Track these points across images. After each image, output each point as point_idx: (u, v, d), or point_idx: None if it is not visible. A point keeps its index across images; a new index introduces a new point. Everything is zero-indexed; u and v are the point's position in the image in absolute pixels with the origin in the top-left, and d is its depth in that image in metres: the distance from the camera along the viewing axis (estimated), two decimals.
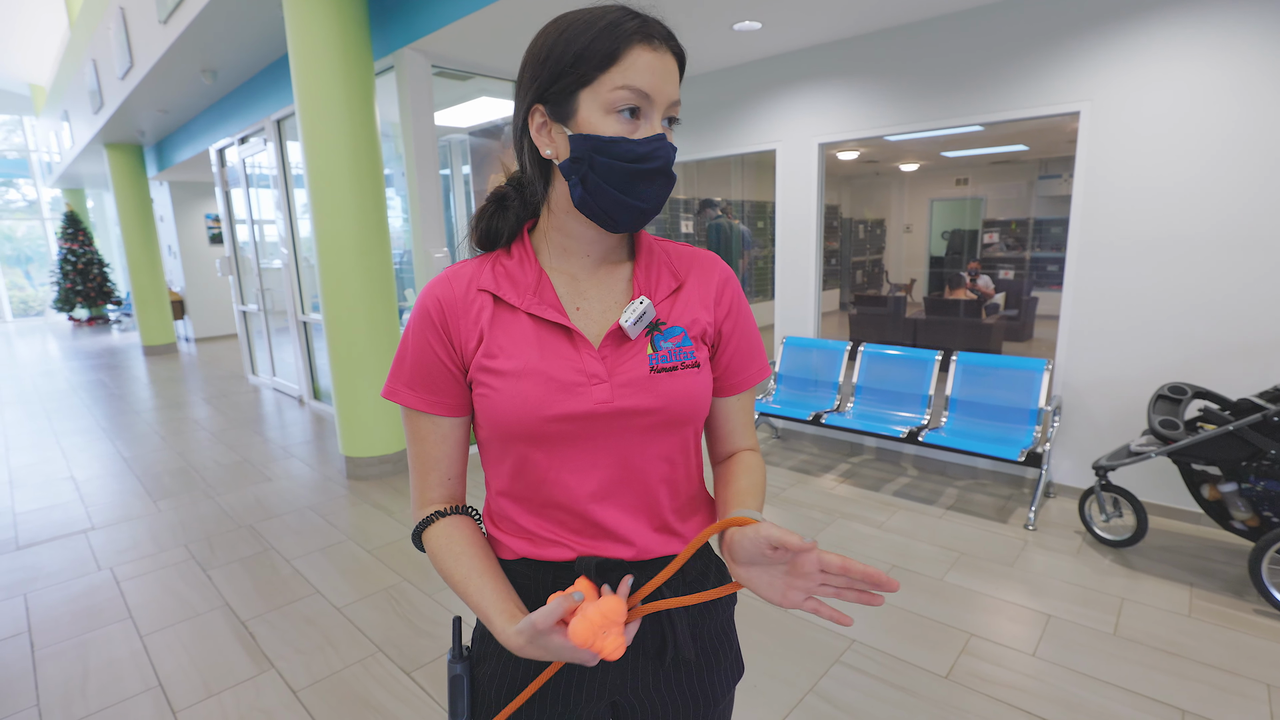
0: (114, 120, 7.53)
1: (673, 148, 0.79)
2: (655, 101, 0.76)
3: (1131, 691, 2.14)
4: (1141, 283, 3.27)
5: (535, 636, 0.70)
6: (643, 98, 0.75)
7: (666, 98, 0.77)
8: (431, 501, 0.89)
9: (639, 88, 0.75)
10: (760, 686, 2.22)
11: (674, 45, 0.79)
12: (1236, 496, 2.72)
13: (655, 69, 0.75)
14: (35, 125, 14.98)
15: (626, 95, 0.75)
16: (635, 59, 0.74)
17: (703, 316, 0.88)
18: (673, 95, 0.78)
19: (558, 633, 0.70)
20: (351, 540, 3.41)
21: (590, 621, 0.70)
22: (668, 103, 0.78)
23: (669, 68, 0.77)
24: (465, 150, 5.55)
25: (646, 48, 0.75)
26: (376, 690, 2.26)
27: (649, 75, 0.75)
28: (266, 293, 7.07)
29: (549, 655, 0.71)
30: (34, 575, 3.15)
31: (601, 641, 0.70)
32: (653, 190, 0.78)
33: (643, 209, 0.79)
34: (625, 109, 0.75)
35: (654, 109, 0.77)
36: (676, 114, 0.81)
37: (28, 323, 15.70)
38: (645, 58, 0.75)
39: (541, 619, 0.69)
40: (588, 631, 0.69)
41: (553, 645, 0.70)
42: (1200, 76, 3.00)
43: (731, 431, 0.96)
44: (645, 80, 0.75)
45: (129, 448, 5.18)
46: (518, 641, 0.73)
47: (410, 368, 0.85)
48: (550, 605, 0.70)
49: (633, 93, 0.75)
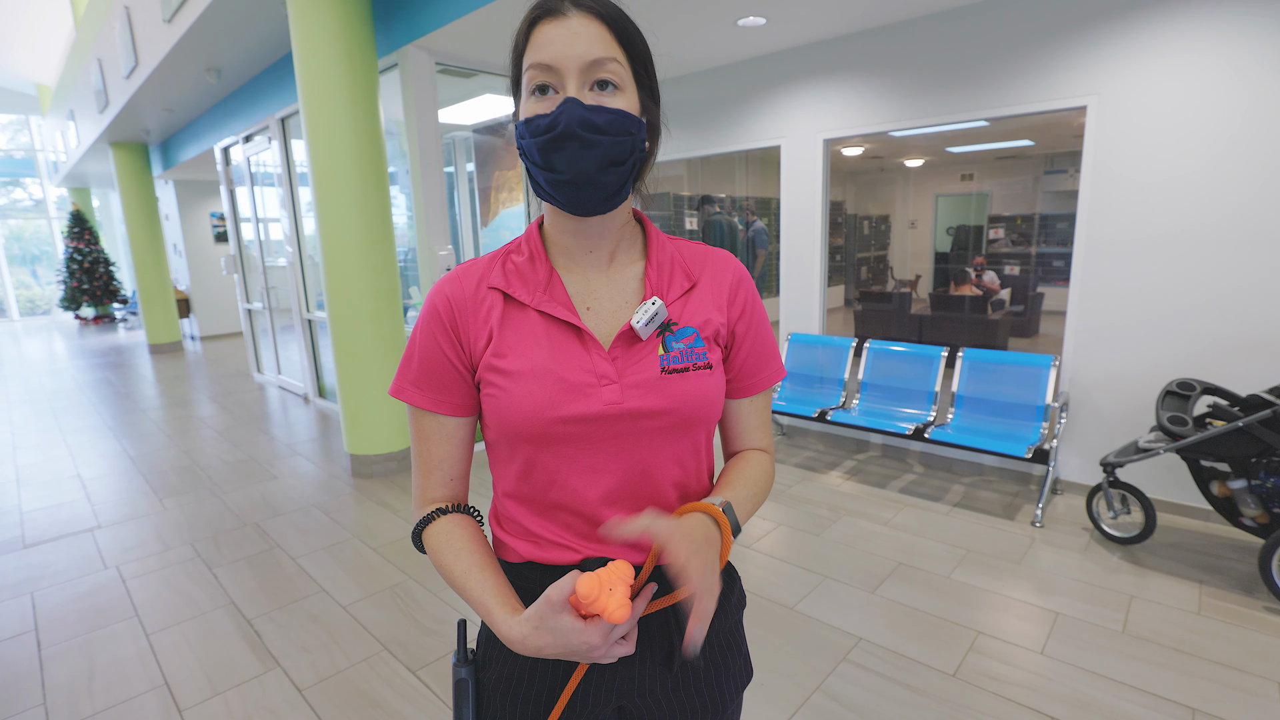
0: (119, 119, 7.55)
1: (582, 108, 0.72)
2: (561, 70, 0.73)
3: (1141, 690, 2.13)
4: (1149, 278, 3.25)
5: (546, 614, 0.70)
6: (546, 71, 0.74)
7: (576, 61, 0.73)
8: (433, 501, 0.88)
9: (541, 62, 0.74)
10: (767, 684, 2.21)
11: (590, 4, 0.75)
12: (1246, 493, 2.70)
13: (556, 38, 0.73)
14: (41, 125, 15.03)
15: (533, 74, 0.75)
16: (537, 37, 0.74)
17: (715, 317, 0.86)
18: (586, 55, 0.73)
19: (568, 611, 0.69)
20: (357, 538, 3.41)
21: (598, 577, 0.69)
22: (580, 65, 0.73)
23: (578, 30, 0.73)
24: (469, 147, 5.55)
25: (547, 21, 0.74)
26: (382, 689, 2.26)
27: (549, 47, 0.73)
28: (271, 291, 7.09)
29: (554, 640, 0.70)
30: (41, 573, 3.16)
31: (607, 598, 0.69)
32: (566, 158, 0.74)
33: (565, 180, 0.75)
34: (535, 88, 0.75)
35: (564, 78, 0.74)
36: (606, 74, 0.74)
37: (34, 321, 15.77)
38: (545, 31, 0.74)
39: (555, 591, 0.70)
40: (595, 585, 0.68)
41: (562, 626, 0.69)
42: (1208, 70, 2.97)
43: (744, 433, 0.94)
44: (546, 54, 0.73)
45: (135, 446, 5.19)
46: (522, 630, 0.72)
47: (418, 366, 0.85)
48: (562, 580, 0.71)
49: (537, 69, 0.74)
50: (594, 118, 0.73)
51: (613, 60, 0.75)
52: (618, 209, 0.83)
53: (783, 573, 2.93)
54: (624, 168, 0.77)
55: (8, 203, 16.07)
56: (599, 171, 0.75)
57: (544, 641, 0.71)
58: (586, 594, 0.68)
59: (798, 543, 3.21)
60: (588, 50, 0.73)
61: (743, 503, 0.84)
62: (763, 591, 2.78)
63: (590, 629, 0.69)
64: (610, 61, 0.75)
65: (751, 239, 7.11)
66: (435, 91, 4.16)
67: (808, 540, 3.23)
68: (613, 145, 0.75)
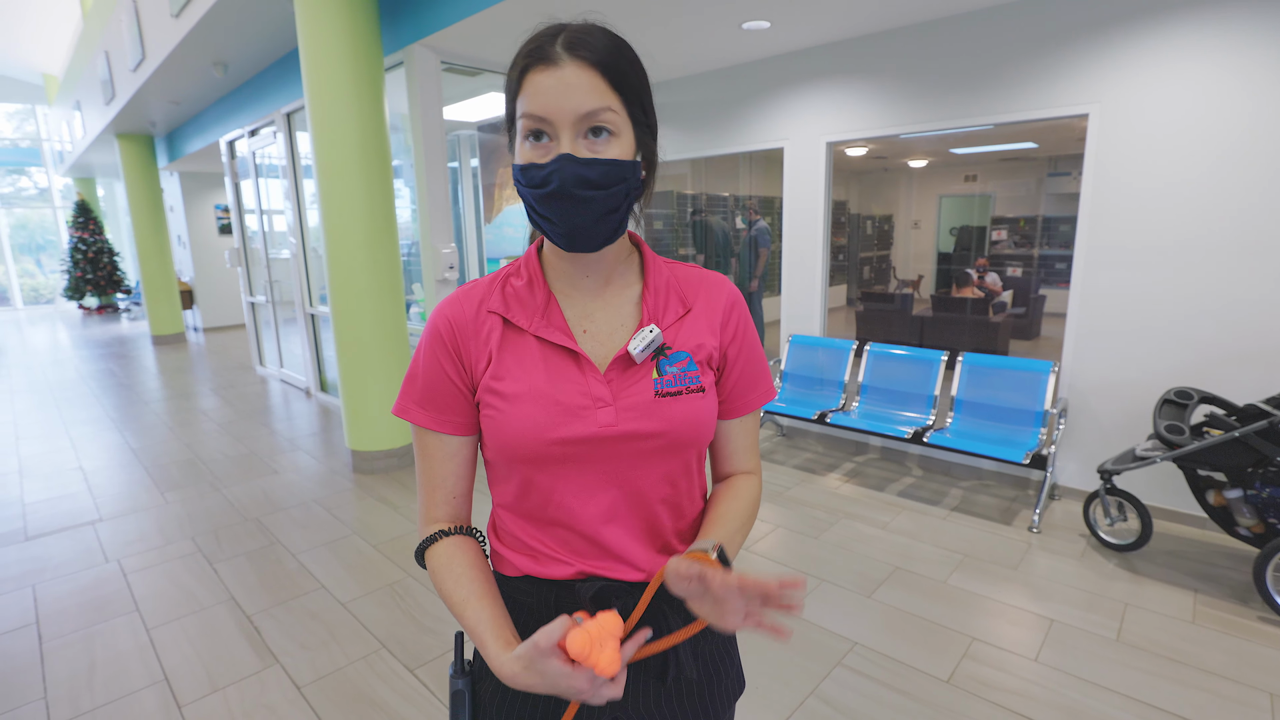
0: (125, 111, 7.56)
1: (576, 165, 0.73)
2: (555, 122, 0.74)
3: (1133, 699, 2.14)
4: (1149, 286, 3.25)
5: (535, 659, 0.70)
6: (540, 122, 0.74)
7: (569, 114, 0.73)
8: (436, 520, 0.89)
9: (534, 113, 0.74)
10: (762, 689, 2.23)
11: (583, 54, 0.73)
12: (1242, 503, 2.71)
13: (548, 89, 0.73)
14: (48, 114, 15.05)
15: (527, 123, 0.75)
16: (530, 85, 0.74)
17: (709, 341, 0.88)
18: (579, 108, 0.73)
19: (556, 656, 0.70)
20: (357, 535, 3.43)
21: (587, 633, 0.70)
22: (574, 117, 0.73)
23: (571, 81, 0.73)
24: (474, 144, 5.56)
25: (540, 70, 0.74)
26: (380, 687, 2.28)
27: (541, 98, 0.73)
28: (275, 284, 7.11)
29: (542, 681, 0.71)
30: (42, 566, 3.18)
31: (597, 654, 0.70)
32: (558, 212, 0.75)
33: (560, 231, 0.77)
34: (528, 134, 0.76)
35: (559, 129, 0.74)
36: (600, 123, 0.75)
37: (39, 310, 15.82)
38: (537, 81, 0.74)
39: (543, 637, 0.70)
40: (585, 643, 0.69)
41: (550, 670, 0.70)
42: (1210, 79, 2.97)
43: (733, 453, 0.96)
44: (538, 104, 0.74)
45: (137, 438, 5.22)
46: (513, 668, 0.73)
47: (421, 386, 0.86)
48: (552, 624, 0.71)
49: (531, 119, 0.75)
50: (588, 173, 0.74)
51: (606, 109, 0.75)
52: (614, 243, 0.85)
53: (779, 575, 2.94)
54: (618, 214, 0.79)
55: (13, 191, 16.11)
56: (594, 223, 0.77)
57: (533, 681, 0.72)
58: (578, 652, 0.69)
59: (795, 545, 3.22)
60: (581, 102, 0.73)
61: (733, 537, 0.87)
62: None
63: (577, 674, 0.70)
64: (604, 111, 0.74)
65: (754, 238, 7.11)
66: (440, 90, 4.17)
67: (805, 543, 3.24)
68: (606, 197, 0.76)
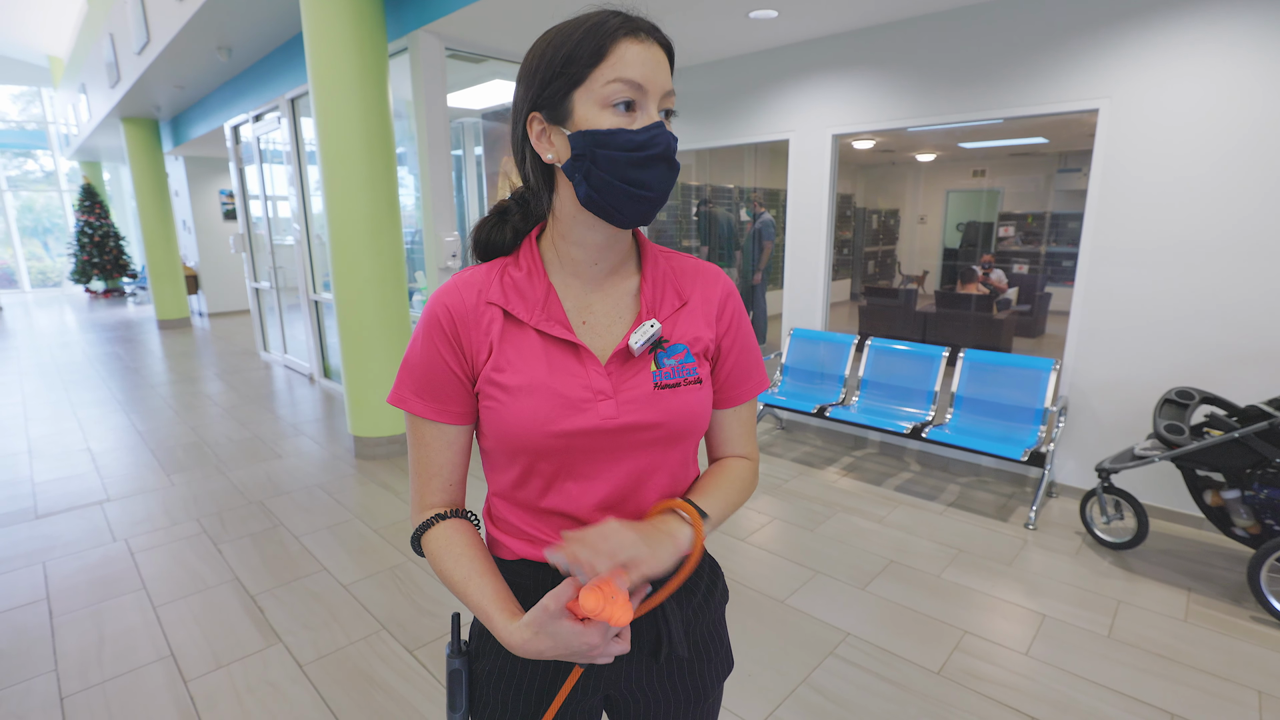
0: (131, 95, 7.57)
1: (672, 135, 0.79)
2: (649, 92, 0.77)
3: (1122, 694, 2.16)
4: (1154, 285, 3.25)
5: (545, 622, 0.73)
6: (636, 89, 0.76)
7: (660, 88, 0.78)
8: (431, 505, 0.90)
9: (631, 79, 0.75)
10: (754, 676, 2.26)
11: (660, 37, 0.79)
12: (1239, 503, 2.72)
13: (645, 60, 0.76)
14: (53, 97, 15.05)
15: (620, 88, 0.76)
16: (623, 52, 0.75)
17: (705, 334, 0.90)
18: (665, 85, 0.78)
19: (565, 616, 0.72)
20: (358, 519, 3.47)
21: (600, 590, 0.71)
22: (661, 93, 0.78)
23: (658, 59, 0.78)
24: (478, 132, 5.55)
25: (633, 40, 0.76)
26: (380, 667, 2.32)
27: (639, 66, 0.76)
28: (279, 270, 7.13)
29: (553, 644, 0.73)
30: (52, 544, 3.23)
31: (611, 608, 0.71)
32: (655, 177, 0.78)
33: (649, 197, 0.78)
34: (620, 102, 0.76)
35: (648, 99, 0.77)
36: (671, 105, 0.81)
37: (45, 293, 15.88)
38: (633, 50, 0.76)
39: (552, 600, 0.73)
40: (598, 599, 0.70)
41: (561, 631, 0.72)
42: (1222, 75, 2.96)
43: (726, 440, 0.98)
44: (637, 71, 0.75)
45: (143, 421, 5.27)
46: (522, 635, 0.75)
47: (418, 375, 0.86)
48: (558, 587, 0.74)
49: (626, 85, 0.76)
50: (675, 144, 0.80)
51: (673, 93, 0.81)
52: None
53: (775, 566, 2.98)
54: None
55: (19, 174, 16.15)
56: (669, 192, 0.81)
57: (544, 645, 0.74)
58: (594, 609, 0.70)
59: (791, 537, 3.25)
60: (666, 79, 0.79)
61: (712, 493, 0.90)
62: (754, 584, 2.83)
63: (590, 630, 0.73)
64: (673, 95, 0.81)
65: (759, 231, 7.10)
66: (444, 76, 4.17)
67: (801, 535, 3.27)
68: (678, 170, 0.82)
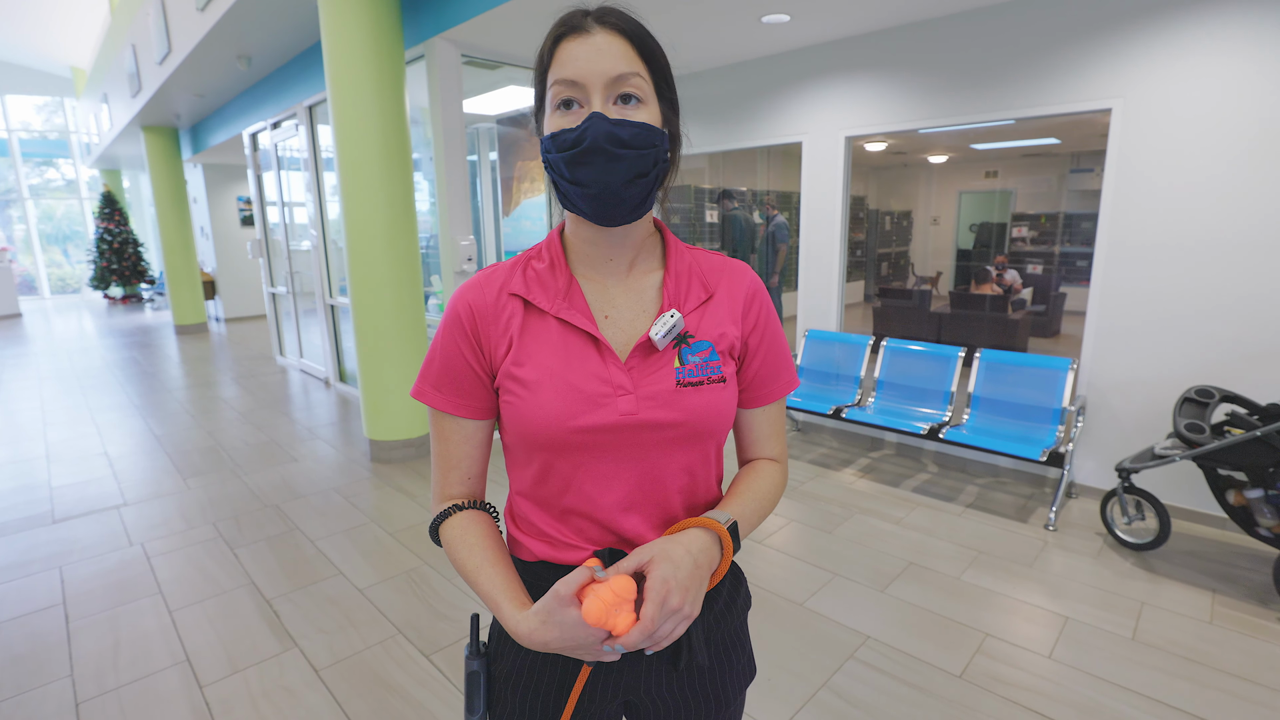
0: (151, 104, 7.67)
1: (608, 123, 0.74)
2: (587, 85, 0.75)
3: (1148, 697, 2.13)
4: (1171, 282, 3.21)
5: (554, 609, 0.72)
6: (572, 86, 0.76)
7: (600, 76, 0.75)
8: (451, 497, 0.90)
9: (566, 78, 0.76)
10: (774, 681, 2.24)
11: (613, 21, 0.77)
12: (1263, 503, 2.68)
13: (583, 54, 0.75)
14: (75, 107, 15.30)
15: (559, 89, 0.77)
16: (562, 53, 0.76)
17: (731, 330, 0.88)
18: (610, 71, 0.75)
19: (574, 606, 0.72)
20: (374, 523, 3.47)
21: (602, 599, 0.71)
22: (604, 81, 0.75)
23: (603, 46, 0.76)
24: (493, 137, 5.58)
25: (572, 38, 0.76)
26: (396, 672, 2.32)
27: (574, 63, 0.75)
28: (295, 275, 7.19)
29: (560, 634, 0.73)
30: (69, 549, 3.26)
31: (614, 619, 0.71)
32: (593, 172, 0.76)
33: (592, 194, 0.77)
34: (560, 102, 0.77)
35: (589, 93, 0.76)
36: (630, 89, 0.77)
37: (65, 299, 16.10)
38: (571, 48, 0.76)
39: (564, 585, 0.72)
40: (600, 609, 0.70)
41: (568, 620, 0.71)
42: (1235, 74, 2.92)
43: (756, 441, 0.96)
44: (571, 69, 0.76)
45: (160, 425, 5.31)
46: (530, 624, 0.75)
47: (439, 370, 0.87)
48: (571, 575, 0.73)
49: (563, 85, 0.76)
50: (619, 132, 0.75)
51: (635, 75, 0.77)
52: (641, 219, 0.85)
53: (793, 569, 2.95)
54: (648, 179, 0.79)
55: (41, 182, 16.40)
56: (624, 185, 0.77)
57: (551, 635, 0.73)
58: (596, 619, 0.70)
59: (809, 539, 3.23)
60: (612, 66, 0.76)
61: (748, 516, 0.87)
62: (773, 587, 2.81)
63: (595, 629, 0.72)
64: (633, 76, 0.77)
65: (772, 233, 7.08)
66: (460, 83, 4.19)
67: (819, 537, 3.25)
68: (637, 158, 0.77)
